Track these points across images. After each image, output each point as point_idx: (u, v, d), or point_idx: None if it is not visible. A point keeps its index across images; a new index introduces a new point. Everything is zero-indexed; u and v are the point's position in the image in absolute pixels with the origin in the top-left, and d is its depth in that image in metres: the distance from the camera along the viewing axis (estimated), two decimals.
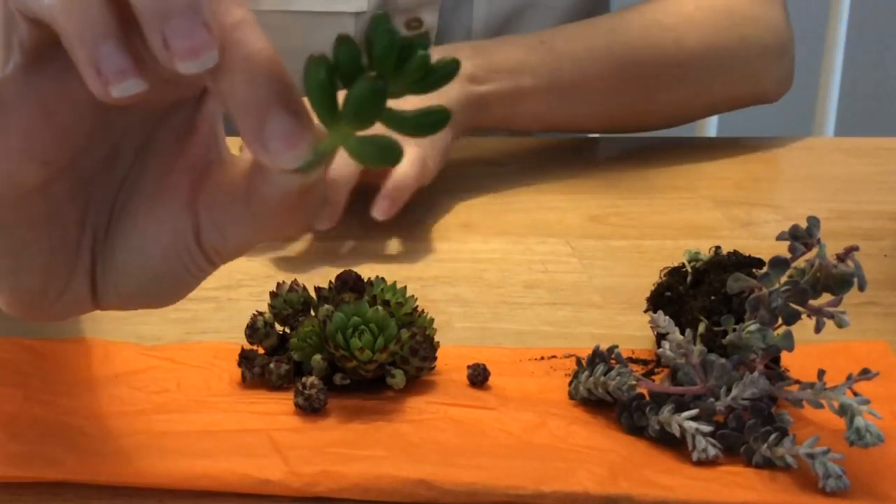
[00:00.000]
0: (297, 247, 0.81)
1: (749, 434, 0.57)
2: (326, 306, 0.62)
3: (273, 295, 0.65)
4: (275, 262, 0.78)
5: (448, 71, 0.39)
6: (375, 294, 0.64)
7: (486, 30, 1.06)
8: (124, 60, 0.39)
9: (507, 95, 0.92)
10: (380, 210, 0.81)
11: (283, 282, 0.65)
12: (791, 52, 1.05)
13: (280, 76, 0.40)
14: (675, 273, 0.68)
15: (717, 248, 0.68)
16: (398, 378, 0.62)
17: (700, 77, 1.00)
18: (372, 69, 0.38)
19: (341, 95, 0.39)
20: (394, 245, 0.83)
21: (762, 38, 1.02)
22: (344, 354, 0.61)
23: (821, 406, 0.57)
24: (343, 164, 0.80)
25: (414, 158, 0.83)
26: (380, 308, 0.62)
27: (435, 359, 0.63)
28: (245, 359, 0.63)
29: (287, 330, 0.65)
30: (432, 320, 0.65)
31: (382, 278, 0.65)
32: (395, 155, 0.39)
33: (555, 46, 0.95)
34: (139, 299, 0.46)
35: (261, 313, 0.65)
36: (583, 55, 0.95)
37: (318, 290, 0.65)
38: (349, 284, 0.65)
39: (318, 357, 0.62)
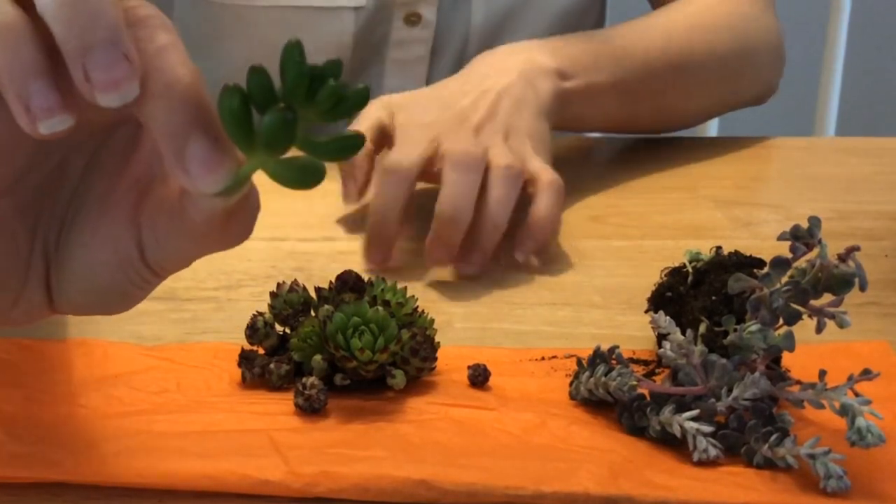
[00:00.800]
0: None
1: (750, 434, 0.57)
2: (326, 306, 0.62)
3: (273, 295, 0.65)
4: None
5: (359, 99, 0.40)
6: (375, 294, 0.64)
7: (485, 26, 1.06)
8: (53, 98, 0.40)
9: (585, 93, 0.91)
10: (524, 252, 0.78)
11: (283, 282, 0.65)
12: (784, 56, 1.08)
13: (200, 102, 0.40)
14: (675, 273, 0.68)
15: (718, 248, 0.68)
16: (398, 378, 0.62)
17: (730, 79, 1.02)
18: (284, 99, 0.39)
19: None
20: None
21: (771, 43, 1.06)
22: (344, 355, 0.61)
23: (822, 406, 0.57)
24: (495, 210, 0.77)
25: (553, 187, 0.79)
26: (380, 308, 0.62)
27: (435, 359, 0.63)
28: (245, 359, 0.63)
29: (287, 330, 0.65)
30: (433, 320, 0.65)
31: (383, 278, 0.65)
32: (316, 176, 0.40)
33: (616, 46, 0.94)
34: (90, 308, 0.47)
35: (261, 313, 0.64)
36: (641, 55, 0.95)
37: (318, 290, 0.65)
38: (349, 284, 0.65)
39: (318, 357, 0.61)
